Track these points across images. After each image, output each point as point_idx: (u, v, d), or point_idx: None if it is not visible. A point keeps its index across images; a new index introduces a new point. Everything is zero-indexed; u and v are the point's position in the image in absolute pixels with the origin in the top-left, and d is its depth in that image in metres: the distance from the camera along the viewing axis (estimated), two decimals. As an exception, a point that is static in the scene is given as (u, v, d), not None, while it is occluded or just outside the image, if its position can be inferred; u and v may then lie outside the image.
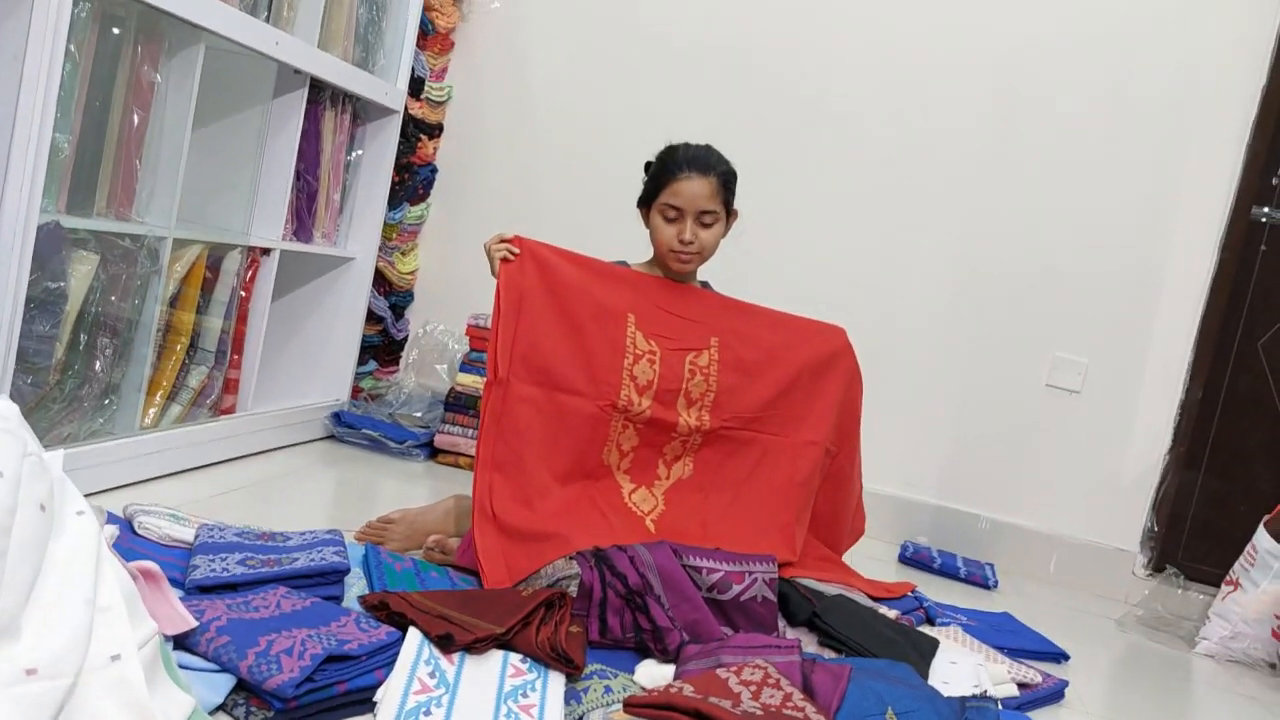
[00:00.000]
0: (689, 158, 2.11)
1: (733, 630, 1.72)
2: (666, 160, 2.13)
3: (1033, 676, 1.94)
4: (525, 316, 2.03)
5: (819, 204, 3.14)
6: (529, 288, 2.05)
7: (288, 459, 2.67)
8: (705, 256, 2.18)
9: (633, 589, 1.68)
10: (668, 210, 2.12)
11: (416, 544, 2.03)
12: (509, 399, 1.99)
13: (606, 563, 1.71)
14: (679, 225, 2.12)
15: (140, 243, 2.10)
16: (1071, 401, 3.04)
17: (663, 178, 2.12)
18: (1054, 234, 3.03)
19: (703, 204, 2.10)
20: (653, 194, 2.14)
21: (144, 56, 2.06)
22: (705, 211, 2.11)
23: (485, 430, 1.98)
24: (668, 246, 2.14)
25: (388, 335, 3.28)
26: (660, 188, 2.12)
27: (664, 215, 2.13)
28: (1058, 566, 3.03)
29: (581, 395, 2.04)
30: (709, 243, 2.15)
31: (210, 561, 1.63)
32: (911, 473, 3.13)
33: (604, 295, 2.11)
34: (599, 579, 1.69)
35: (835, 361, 2.30)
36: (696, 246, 2.13)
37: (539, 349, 2.03)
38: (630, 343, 2.09)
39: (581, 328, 2.06)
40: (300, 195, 2.71)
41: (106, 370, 2.08)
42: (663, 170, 2.12)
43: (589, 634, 1.65)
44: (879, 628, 1.85)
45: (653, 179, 2.16)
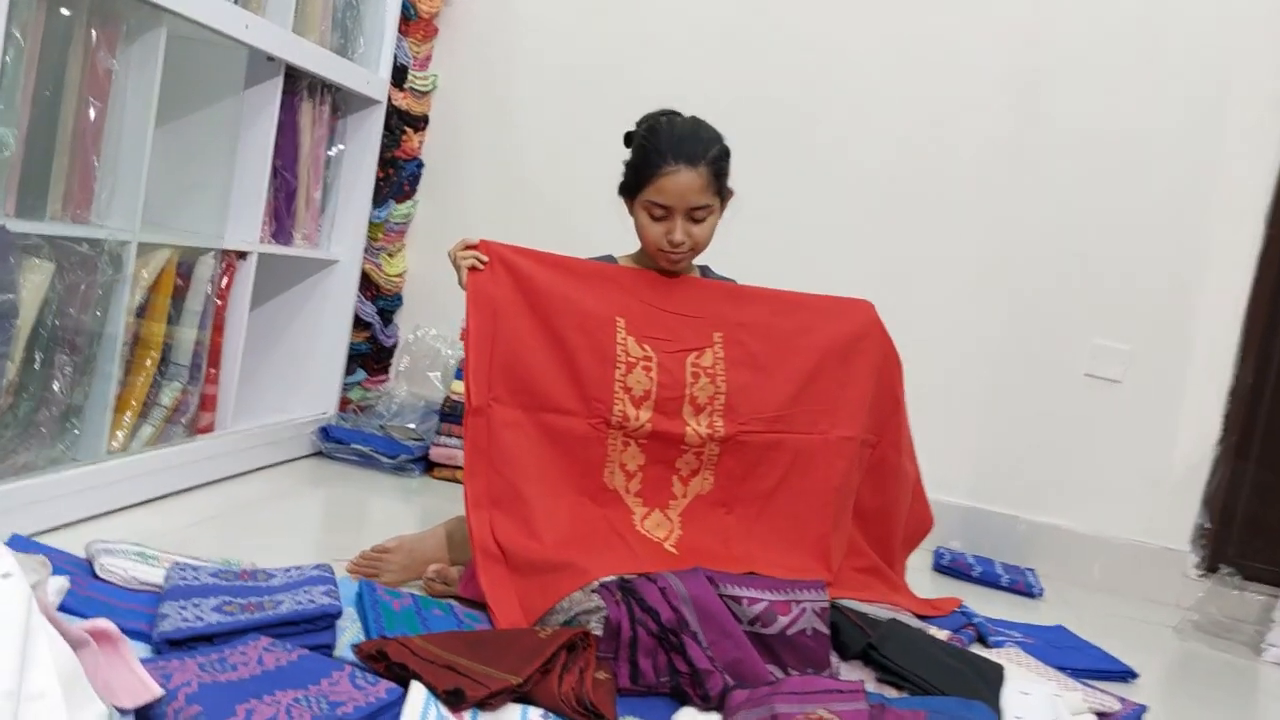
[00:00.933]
0: (674, 145, 1.86)
1: (780, 669, 1.51)
2: (649, 149, 1.89)
3: (1110, 704, 1.74)
4: (501, 332, 1.82)
5: (838, 191, 2.94)
6: (503, 298, 1.84)
7: (272, 480, 2.46)
8: (699, 251, 1.97)
9: (666, 626, 1.47)
10: (654, 209, 1.89)
11: (415, 574, 1.83)
12: (493, 427, 1.78)
13: (634, 595, 1.50)
14: (667, 224, 1.90)
15: (100, 248, 1.88)
16: (1113, 392, 2.85)
17: (645, 171, 1.88)
18: (1087, 214, 2.84)
19: (693, 199, 1.88)
20: (635, 186, 1.91)
21: (99, 42, 1.84)
22: (697, 207, 1.89)
23: (471, 466, 1.78)
24: (655, 246, 1.93)
25: (376, 342, 3.07)
26: (643, 182, 1.88)
27: (650, 213, 1.90)
28: (1103, 570, 2.83)
29: (571, 414, 1.84)
30: (702, 238, 1.94)
31: (181, 609, 1.42)
32: (941, 473, 2.90)
33: (587, 299, 1.90)
34: (627, 615, 1.48)
35: (863, 340, 2.07)
36: (689, 245, 1.92)
37: (519, 367, 1.82)
38: (621, 350, 1.88)
39: (565, 339, 1.86)
40: (278, 194, 2.50)
41: (66, 390, 1.87)
42: (645, 162, 1.89)
43: (618, 680, 1.45)
44: (940, 656, 1.66)
45: (634, 169, 1.92)
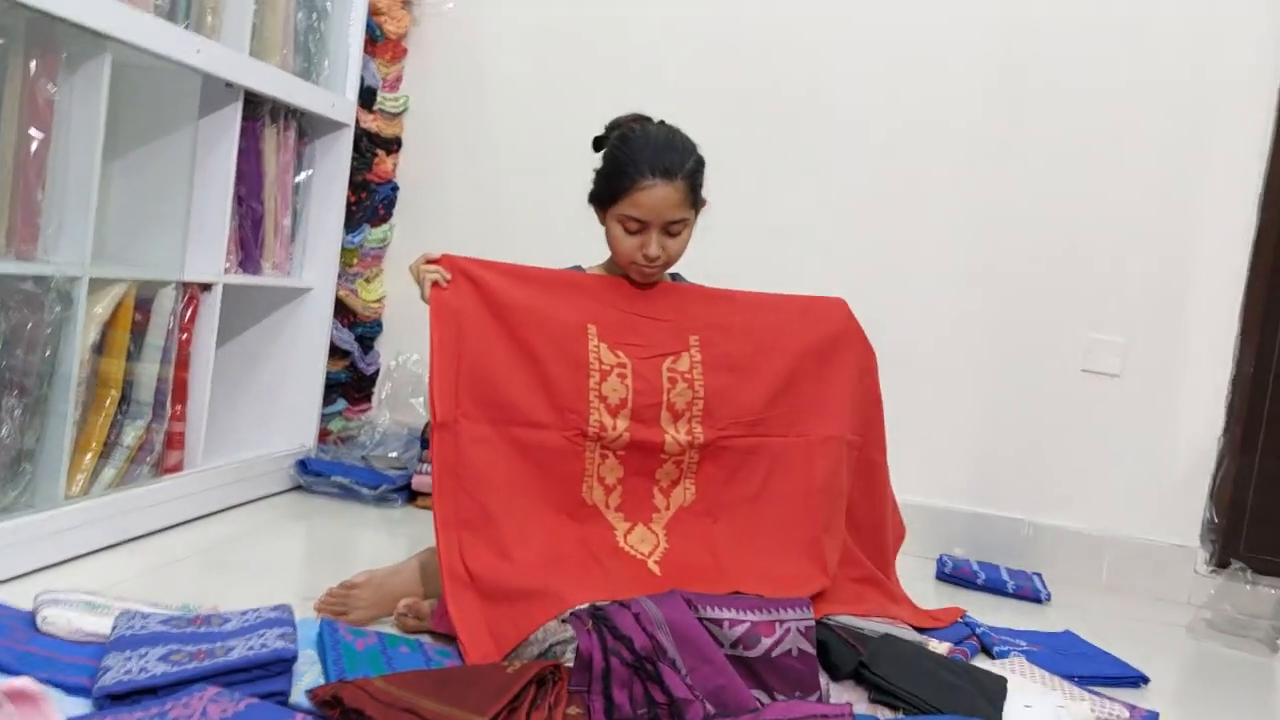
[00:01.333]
0: (650, 159, 1.80)
1: (766, 693, 1.43)
2: (623, 160, 1.83)
3: (1119, 712, 1.65)
4: (467, 345, 1.75)
5: (819, 192, 2.87)
6: (467, 310, 1.78)
7: (247, 517, 2.38)
8: (672, 264, 1.93)
9: (641, 654, 1.39)
10: (628, 222, 1.84)
11: (386, 610, 1.75)
12: (461, 443, 1.72)
13: (606, 623, 1.42)
14: (642, 238, 1.85)
15: (48, 285, 1.82)
16: (1111, 386, 2.76)
17: (620, 183, 1.82)
18: (1076, 207, 2.76)
19: (670, 214, 1.83)
20: (608, 198, 1.85)
21: (40, 70, 1.78)
22: (673, 221, 1.84)
23: (440, 485, 1.70)
24: (629, 260, 1.88)
25: (356, 370, 2.99)
26: (618, 194, 1.82)
27: (624, 226, 1.85)
28: (1111, 570, 2.74)
29: (545, 427, 1.77)
30: (676, 251, 1.89)
31: (125, 661, 1.34)
32: (940, 479, 2.85)
33: (555, 308, 1.84)
34: (599, 645, 1.40)
35: (841, 339, 2.03)
36: (663, 259, 1.87)
37: (487, 380, 1.76)
38: (593, 358, 1.81)
39: (534, 349, 1.79)
40: (244, 223, 2.43)
41: (16, 434, 1.80)
42: (619, 173, 1.83)
43: (592, 714, 1.36)
44: (937, 672, 1.57)
45: (608, 180, 1.86)
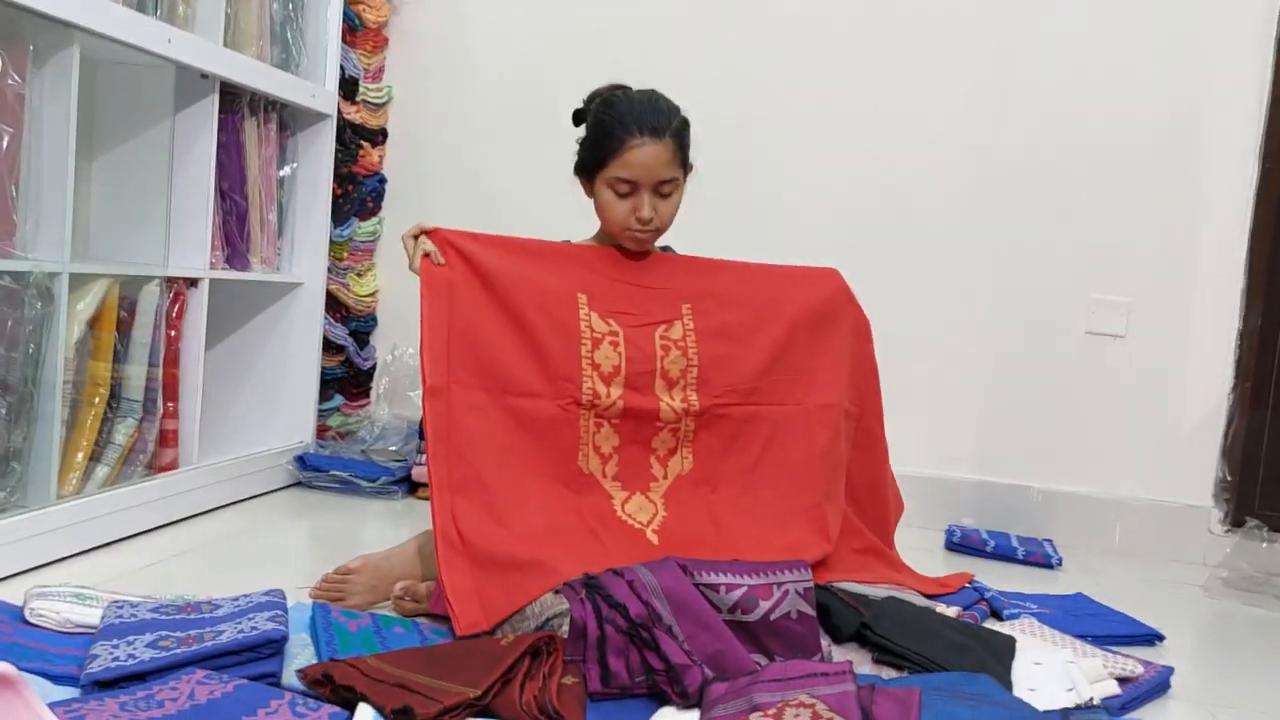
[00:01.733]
0: (638, 118, 1.77)
1: (766, 657, 1.39)
2: (609, 123, 1.79)
3: (1132, 668, 1.61)
4: (458, 314, 1.73)
5: (811, 160, 2.83)
6: (458, 280, 1.76)
7: (245, 514, 2.36)
8: (665, 229, 1.88)
9: (636, 621, 1.36)
10: (619, 185, 1.80)
11: (384, 595, 1.72)
12: (454, 409, 1.69)
13: (601, 592, 1.39)
14: (634, 200, 1.81)
15: (25, 281, 1.79)
16: (1117, 347, 2.72)
17: (608, 145, 1.78)
18: (1072, 166, 2.72)
19: (661, 173, 1.79)
20: (595, 164, 1.82)
21: (6, 64, 1.76)
22: (664, 181, 1.81)
23: (433, 450, 1.68)
24: (622, 226, 1.83)
25: (352, 365, 2.97)
26: (606, 157, 1.79)
27: (615, 190, 1.81)
28: (1124, 534, 2.70)
29: (538, 396, 1.75)
30: (668, 215, 1.85)
31: (113, 649, 1.31)
32: (945, 448, 2.81)
33: (545, 276, 1.81)
34: (593, 613, 1.37)
35: (835, 308, 2.00)
36: (656, 223, 1.83)
37: (480, 348, 1.73)
38: (585, 326, 1.78)
39: (525, 318, 1.77)
40: (228, 217, 2.41)
41: (2, 433, 1.78)
42: (606, 136, 1.79)
43: (589, 684, 1.33)
44: (943, 632, 1.53)
45: (595, 145, 1.82)
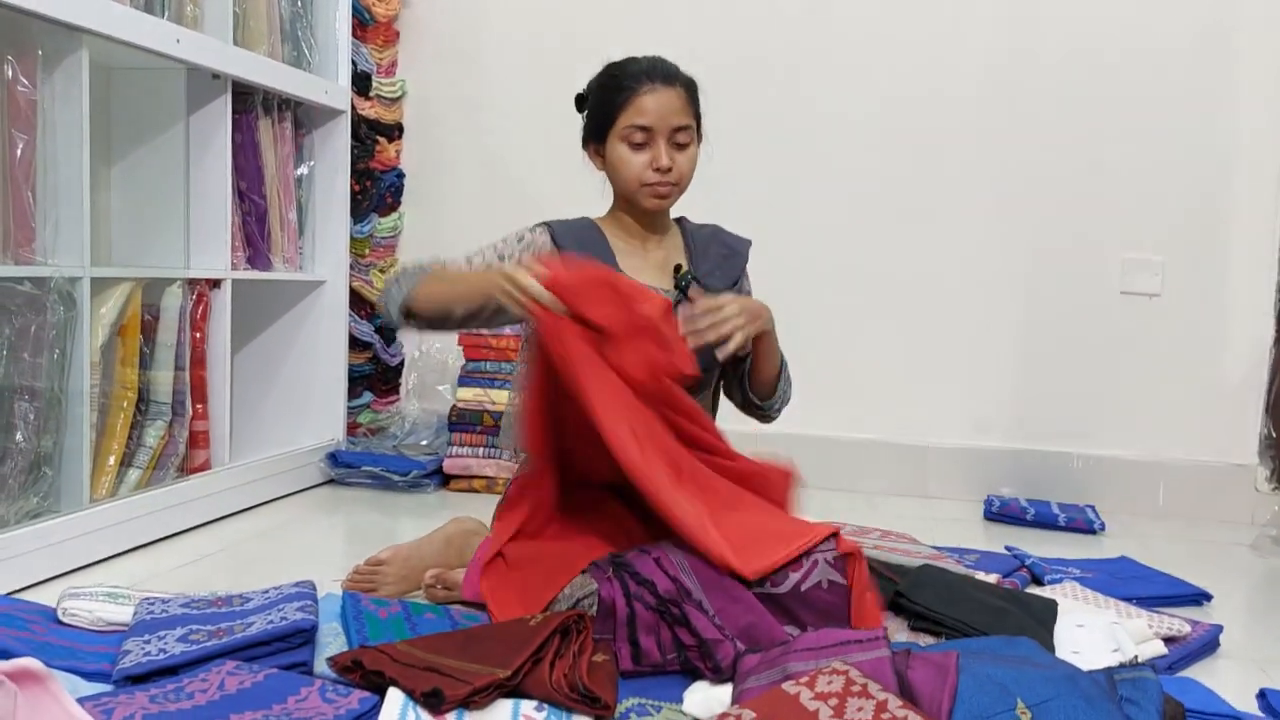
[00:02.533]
0: (646, 68, 1.74)
1: (799, 628, 1.37)
2: (617, 76, 1.75)
3: (1179, 627, 1.57)
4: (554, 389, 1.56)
5: (833, 117, 2.79)
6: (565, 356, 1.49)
7: (279, 512, 2.37)
8: (683, 187, 1.79)
9: (665, 598, 1.34)
10: (634, 134, 1.72)
11: (415, 584, 1.71)
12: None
13: (628, 569, 1.37)
14: (651, 150, 1.72)
15: (48, 286, 1.80)
16: (1152, 307, 2.66)
17: (618, 97, 1.73)
18: (1104, 124, 2.66)
19: (676, 119, 1.72)
20: (607, 120, 1.75)
21: (16, 71, 1.76)
22: (679, 128, 1.73)
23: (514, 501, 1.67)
24: (640, 180, 1.74)
25: (380, 362, 2.97)
26: (618, 109, 1.73)
27: (629, 141, 1.73)
28: (1168, 496, 2.64)
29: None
30: (687, 169, 1.76)
31: (144, 644, 1.32)
32: (981, 418, 2.77)
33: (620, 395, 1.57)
34: (621, 591, 1.35)
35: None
36: (674, 175, 1.74)
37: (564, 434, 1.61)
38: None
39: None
40: (248, 217, 2.41)
41: (31, 439, 1.79)
42: (615, 88, 1.74)
43: (620, 663, 1.31)
44: (980, 597, 1.50)
45: (603, 103, 1.76)
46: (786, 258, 2.75)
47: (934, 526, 2.40)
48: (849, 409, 2.81)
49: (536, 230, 1.81)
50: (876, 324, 2.79)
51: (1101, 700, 1.07)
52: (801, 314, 2.77)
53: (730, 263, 1.87)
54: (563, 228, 1.81)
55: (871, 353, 2.80)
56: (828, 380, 2.80)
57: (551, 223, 1.82)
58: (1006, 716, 1.05)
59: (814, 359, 2.79)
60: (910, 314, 2.77)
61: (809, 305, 2.78)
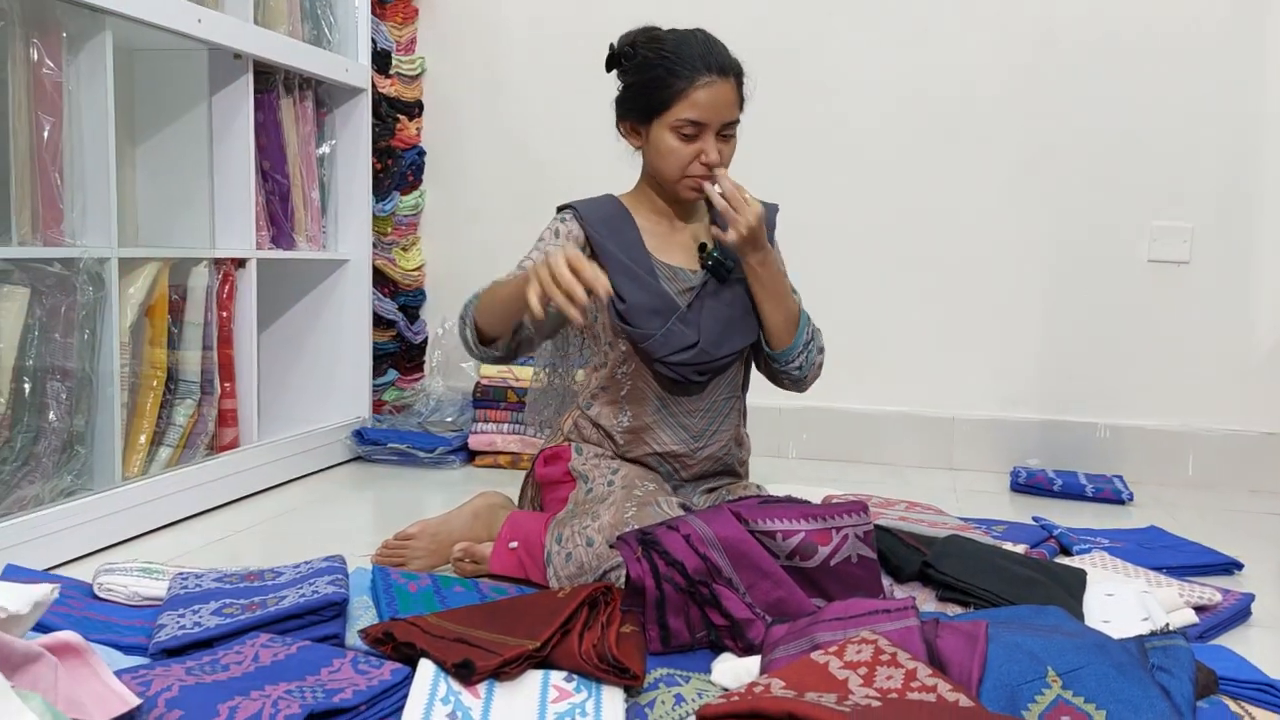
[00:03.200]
0: (704, 55, 1.65)
1: (827, 602, 1.37)
2: (671, 61, 1.66)
3: (1210, 595, 1.56)
4: None
5: (860, 92, 2.77)
6: None
7: (308, 489, 2.39)
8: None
9: (695, 578, 1.34)
10: (685, 127, 1.65)
11: (443, 558, 1.73)
12: None
13: (656, 548, 1.37)
14: (701, 144, 1.66)
15: (76, 267, 1.82)
16: (1181, 275, 2.63)
17: (673, 85, 1.64)
18: (1132, 88, 2.62)
19: (728, 113, 1.67)
20: (658, 105, 1.67)
21: (41, 54, 1.77)
22: (729, 123, 1.68)
23: None
24: (683, 171, 1.68)
25: (404, 340, 2.99)
26: (671, 98, 1.65)
27: (679, 133, 1.66)
28: (1197, 465, 2.62)
29: None
30: (729, 161, 1.71)
31: (179, 618, 1.33)
32: (1006, 389, 2.75)
33: None
34: (650, 571, 1.35)
35: None
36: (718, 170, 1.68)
37: None
38: None
39: None
40: (271, 197, 2.42)
41: (64, 418, 1.81)
42: (670, 75, 1.65)
43: (650, 645, 1.32)
44: (1009, 567, 1.50)
45: (655, 86, 1.67)
46: (811, 231, 2.74)
47: (960, 498, 2.40)
48: (874, 382, 2.80)
49: (566, 218, 1.77)
50: (902, 297, 2.78)
51: (1133, 668, 1.07)
52: (827, 289, 2.76)
53: None
54: (589, 209, 1.77)
55: (897, 325, 2.79)
56: (853, 354, 2.79)
57: (577, 205, 1.77)
58: (1037, 685, 1.05)
59: (839, 333, 2.78)
60: (936, 286, 2.75)
61: (834, 280, 2.77)
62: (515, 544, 1.64)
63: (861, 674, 1.07)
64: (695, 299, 1.73)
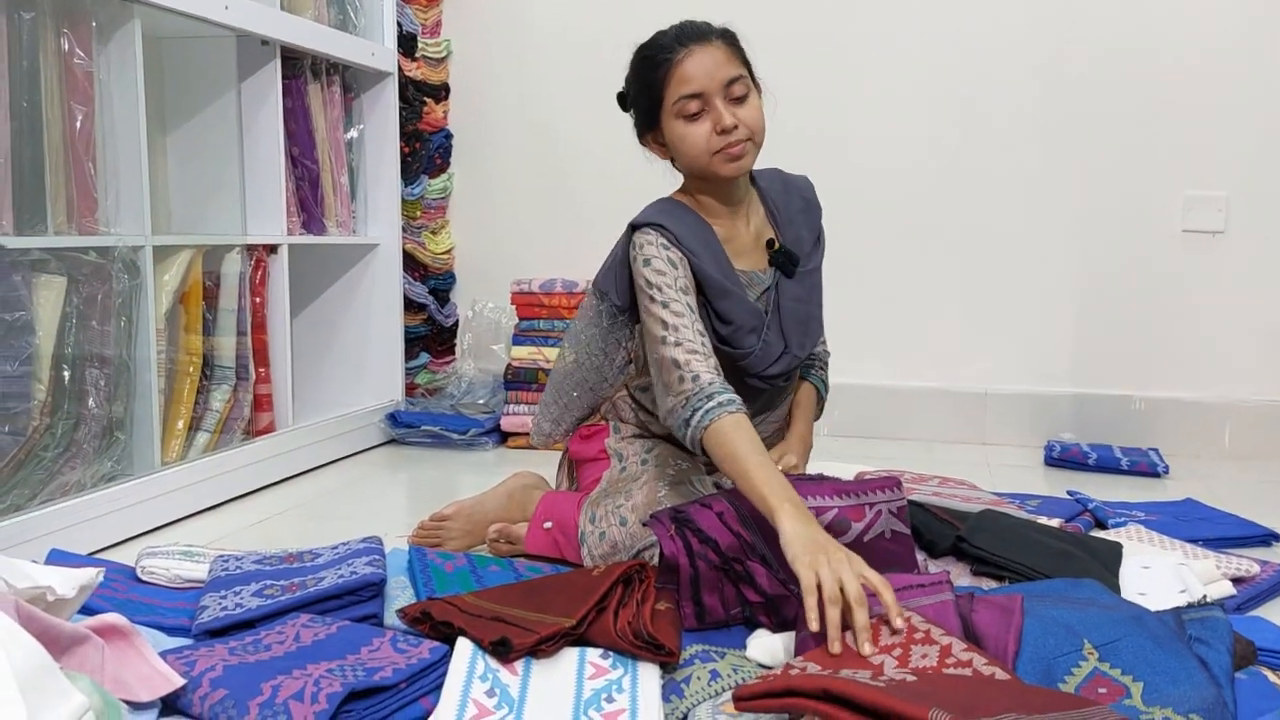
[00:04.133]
0: (675, 35, 1.60)
1: (862, 576, 1.37)
2: (649, 54, 1.61)
3: (1248, 567, 1.55)
4: None
5: (888, 67, 2.74)
6: None
7: (343, 471, 2.42)
8: (758, 141, 1.62)
9: (728, 555, 1.34)
10: (686, 105, 1.57)
11: (479, 539, 1.74)
12: None
13: (690, 526, 1.37)
14: (710, 116, 1.57)
15: (112, 256, 1.84)
16: (1215, 244, 2.60)
17: (657, 76, 1.59)
18: (1164, 54, 2.58)
19: (723, 72, 1.57)
20: (655, 103, 1.59)
21: (72, 44, 1.79)
22: (732, 80, 1.57)
23: None
24: (708, 151, 1.57)
25: (435, 323, 3.00)
26: (661, 88, 1.59)
27: (684, 116, 1.57)
28: (1234, 437, 2.59)
29: None
30: (754, 121, 1.59)
31: (221, 599, 1.36)
32: (1039, 362, 2.73)
33: None
34: (684, 549, 1.35)
35: None
36: (743, 131, 1.58)
37: None
38: None
39: None
40: (301, 183, 2.44)
41: (103, 405, 1.84)
42: (650, 68, 1.58)
43: (685, 621, 1.33)
44: (1043, 540, 1.49)
45: (645, 87, 1.60)
46: (843, 208, 2.71)
47: (994, 473, 2.39)
48: (906, 358, 2.79)
49: (666, 244, 1.58)
50: (933, 271, 2.76)
51: (1170, 640, 1.06)
52: (859, 265, 2.76)
53: (810, 215, 1.75)
54: (678, 228, 1.60)
55: (928, 300, 2.77)
56: (885, 330, 2.79)
57: (666, 226, 1.59)
58: (1073, 657, 1.05)
59: (870, 309, 2.78)
60: (967, 259, 2.73)
61: (866, 256, 2.75)
62: (549, 524, 1.65)
63: (896, 655, 1.07)
64: (772, 305, 1.66)
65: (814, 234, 1.74)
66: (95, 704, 0.88)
